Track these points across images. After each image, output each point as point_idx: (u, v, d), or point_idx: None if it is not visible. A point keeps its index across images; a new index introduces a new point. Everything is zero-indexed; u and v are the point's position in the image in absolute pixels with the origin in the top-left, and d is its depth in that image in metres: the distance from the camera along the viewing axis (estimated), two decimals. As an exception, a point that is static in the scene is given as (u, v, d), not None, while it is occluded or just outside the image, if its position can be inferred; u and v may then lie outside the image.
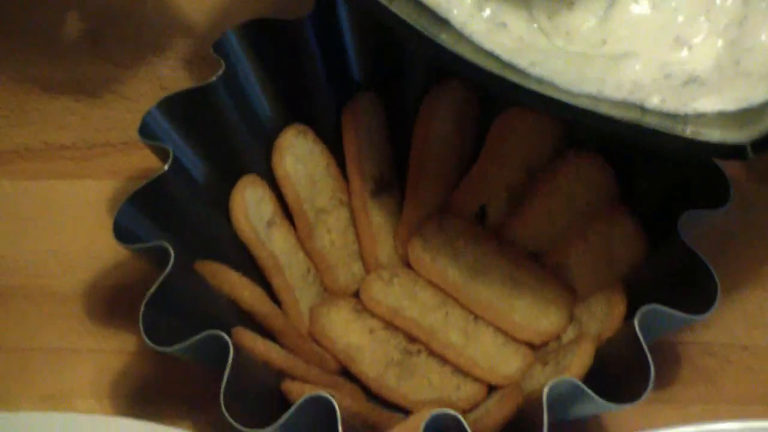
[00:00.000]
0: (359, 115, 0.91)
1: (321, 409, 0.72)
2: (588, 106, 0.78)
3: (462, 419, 0.72)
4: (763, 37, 0.80)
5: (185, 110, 0.84)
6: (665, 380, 0.87)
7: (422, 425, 0.72)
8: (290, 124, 0.90)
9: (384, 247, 0.92)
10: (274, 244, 0.88)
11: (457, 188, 0.92)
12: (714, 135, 0.75)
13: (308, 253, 0.90)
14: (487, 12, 0.84)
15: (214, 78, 0.85)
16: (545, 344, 0.87)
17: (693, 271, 0.76)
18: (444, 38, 0.81)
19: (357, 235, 0.92)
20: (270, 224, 0.88)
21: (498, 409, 0.77)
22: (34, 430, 0.82)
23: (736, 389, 0.88)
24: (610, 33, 0.83)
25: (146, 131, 0.82)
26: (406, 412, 0.84)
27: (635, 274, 0.84)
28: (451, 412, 0.72)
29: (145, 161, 0.95)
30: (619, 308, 0.81)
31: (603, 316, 0.83)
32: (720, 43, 0.81)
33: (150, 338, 0.74)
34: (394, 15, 0.80)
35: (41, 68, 1.03)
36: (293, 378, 0.80)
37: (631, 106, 0.79)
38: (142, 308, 0.74)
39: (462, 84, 0.92)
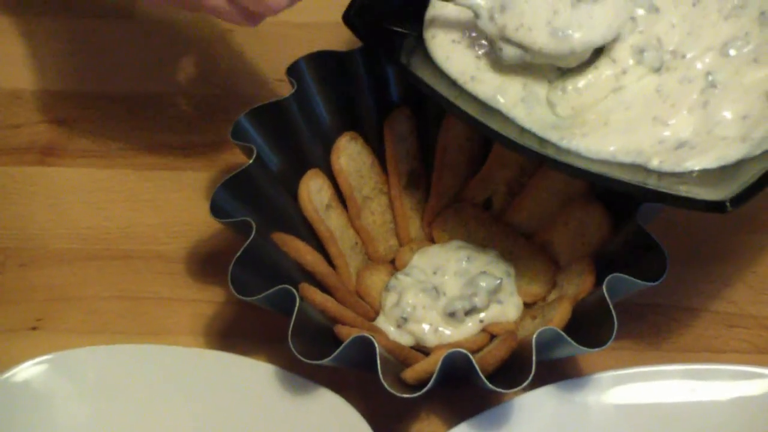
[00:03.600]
0: (396, 126, 0.91)
1: (364, 346, 0.73)
2: (606, 173, 0.78)
3: (470, 356, 0.73)
4: (725, 114, 0.80)
5: (266, 119, 0.85)
6: (625, 332, 0.86)
7: (440, 360, 0.73)
8: (345, 131, 0.90)
9: (414, 226, 0.92)
10: (331, 221, 0.88)
11: (469, 183, 0.92)
12: (701, 193, 0.74)
13: (356, 230, 0.90)
14: (522, 99, 0.85)
15: (287, 95, 0.86)
16: (534, 303, 0.87)
17: (647, 248, 0.77)
18: (494, 124, 0.82)
19: (393, 217, 0.92)
20: (328, 207, 0.88)
21: (498, 350, 0.76)
22: (147, 358, 0.83)
23: (679, 341, 0.88)
24: (609, 119, 0.83)
25: (236, 134, 0.83)
26: (426, 352, 0.84)
27: (603, 250, 0.84)
28: (462, 350, 0.73)
29: (234, 158, 0.96)
30: (591, 276, 0.81)
31: (578, 281, 0.82)
32: (691, 119, 0.81)
33: (236, 290, 0.75)
34: (460, 109, 0.82)
35: (159, 87, 1.03)
36: (343, 323, 0.80)
37: (637, 168, 0.79)
38: (231, 267, 0.75)
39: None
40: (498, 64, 0.85)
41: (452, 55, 0.87)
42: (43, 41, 1.08)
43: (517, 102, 0.84)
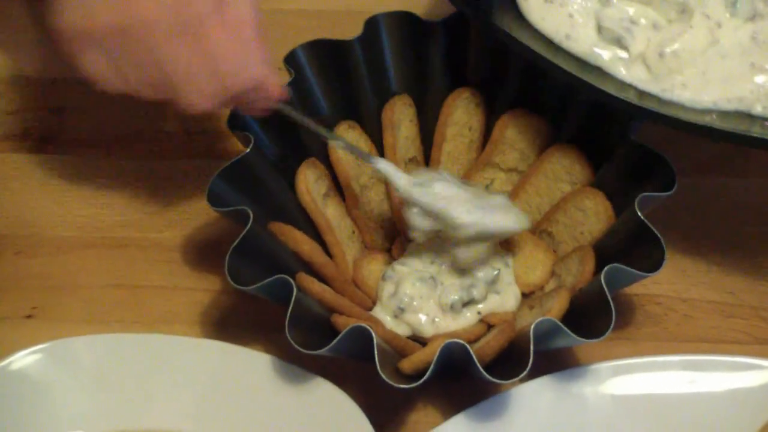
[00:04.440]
0: (395, 114, 0.91)
1: (361, 336, 0.73)
2: (709, 123, 0.78)
3: (468, 347, 0.73)
4: None
5: (263, 107, 0.84)
6: (621, 322, 0.87)
7: (437, 351, 0.73)
8: (342, 119, 0.90)
9: (411, 214, 0.92)
10: (328, 210, 0.88)
11: (468, 169, 0.92)
12: None
13: (353, 219, 0.90)
14: (619, 57, 0.85)
15: (285, 83, 0.85)
16: (532, 293, 0.87)
17: (646, 239, 0.76)
18: (593, 80, 0.82)
19: (391, 206, 0.92)
20: (325, 196, 0.88)
21: (496, 341, 0.76)
22: (143, 347, 0.83)
23: (677, 331, 0.87)
24: (706, 69, 0.83)
25: (233, 123, 0.83)
26: (423, 342, 0.83)
27: (602, 240, 0.84)
28: (460, 341, 0.73)
29: (231, 147, 0.96)
30: (589, 266, 0.81)
31: (577, 272, 0.82)
32: None
33: (233, 280, 0.75)
34: (559, 67, 0.82)
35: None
36: (340, 313, 0.80)
37: (741, 116, 0.80)
38: (228, 257, 0.75)
39: (472, 92, 0.92)
40: (592, 21, 0.86)
41: (546, 15, 0.87)
42: (41, 28, 1.07)
43: (615, 58, 0.84)
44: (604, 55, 0.84)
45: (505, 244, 0.88)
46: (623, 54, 0.84)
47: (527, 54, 0.83)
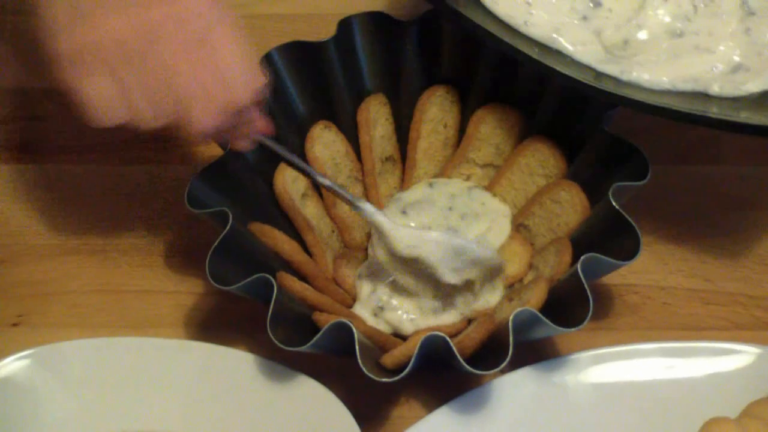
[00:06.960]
0: (370, 113, 0.91)
1: (342, 332, 0.73)
2: (667, 104, 0.79)
3: (449, 339, 0.73)
4: None
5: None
6: (600, 312, 0.87)
7: (418, 344, 0.73)
8: (319, 120, 0.91)
9: (389, 212, 0.92)
10: (307, 210, 0.88)
11: (444, 166, 0.92)
12: (761, 120, 0.76)
13: (332, 218, 0.90)
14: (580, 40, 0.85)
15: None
16: (511, 285, 0.87)
17: (622, 228, 0.77)
18: (552, 62, 0.83)
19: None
20: (304, 196, 0.88)
21: (476, 333, 0.76)
22: (129, 350, 0.83)
23: (656, 319, 0.88)
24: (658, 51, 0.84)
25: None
26: (404, 338, 0.83)
27: (579, 231, 0.84)
28: (441, 334, 0.73)
29: (210, 150, 0.95)
30: (566, 257, 0.81)
31: (554, 263, 0.82)
32: (736, 45, 0.82)
33: (214, 280, 0.75)
34: (517, 49, 0.82)
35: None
36: (321, 310, 0.80)
37: (698, 96, 0.80)
38: (208, 258, 0.75)
39: (446, 89, 0.92)
40: (550, 5, 0.87)
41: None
42: (18, 39, 1.07)
43: (575, 41, 0.85)
44: (563, 37, 0.85)
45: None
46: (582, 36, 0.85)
47: (489, 39, 0.83)
